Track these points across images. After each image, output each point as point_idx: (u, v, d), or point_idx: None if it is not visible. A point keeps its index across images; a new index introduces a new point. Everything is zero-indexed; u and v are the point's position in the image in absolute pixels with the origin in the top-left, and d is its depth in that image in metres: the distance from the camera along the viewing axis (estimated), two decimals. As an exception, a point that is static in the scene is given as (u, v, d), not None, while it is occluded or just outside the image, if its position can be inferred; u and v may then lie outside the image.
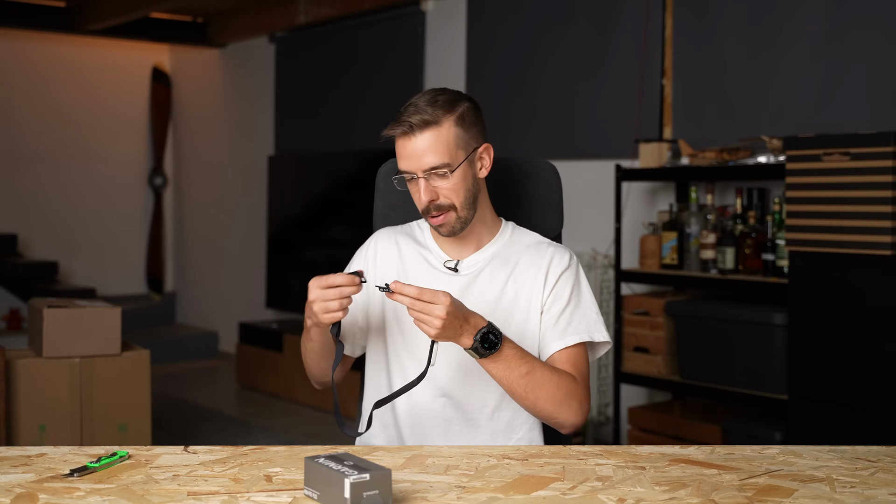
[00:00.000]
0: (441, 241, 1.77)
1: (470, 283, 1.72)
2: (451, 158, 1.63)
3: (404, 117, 1.63)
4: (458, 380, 1.69)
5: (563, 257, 1.74)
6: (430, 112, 1.63)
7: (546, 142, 4.27)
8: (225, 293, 6.67)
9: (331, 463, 1.21)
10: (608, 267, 3.92)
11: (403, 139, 1.64)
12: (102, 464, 1.35)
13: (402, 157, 1.65)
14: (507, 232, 1.79)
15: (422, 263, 1.76)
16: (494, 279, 1.73)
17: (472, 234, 1.74)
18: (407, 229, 1.84)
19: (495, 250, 1.76)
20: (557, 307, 1.71)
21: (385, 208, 1.96)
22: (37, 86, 6.60)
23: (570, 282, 1.73)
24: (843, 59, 3.25)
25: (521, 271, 1.73)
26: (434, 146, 1.62)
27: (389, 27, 5.22)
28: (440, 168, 1.63)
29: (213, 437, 4.35)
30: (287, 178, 5.89)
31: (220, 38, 6.51)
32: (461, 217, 1.68)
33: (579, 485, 1.30)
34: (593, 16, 4.06)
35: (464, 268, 1.74)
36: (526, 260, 1.74)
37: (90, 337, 3.10)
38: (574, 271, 1.75)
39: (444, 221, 1.67)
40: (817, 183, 2.79)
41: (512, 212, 1.89)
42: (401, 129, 1.63)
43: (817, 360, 2.82)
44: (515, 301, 1.71)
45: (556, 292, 1.71)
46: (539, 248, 1.76)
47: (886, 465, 1.41)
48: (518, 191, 1.92)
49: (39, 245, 6.55)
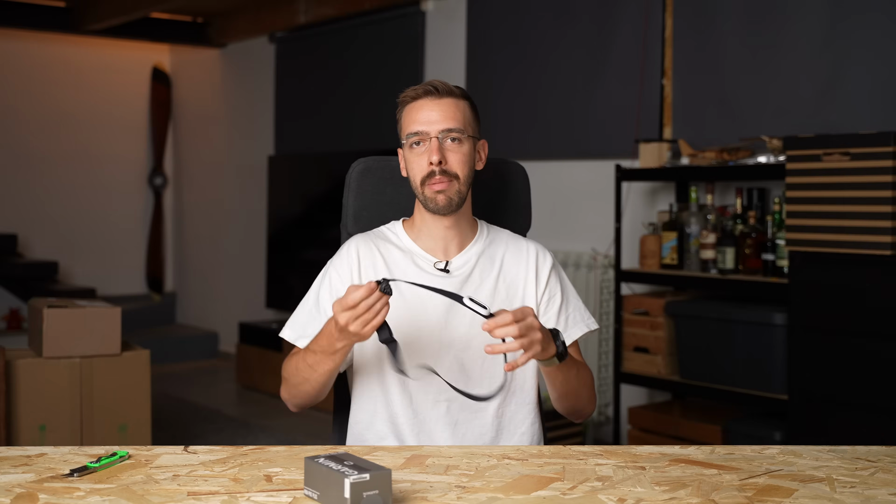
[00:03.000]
0: (422, 242, 1.74)
1: (462, 284, 1.71)
2: (466, 129, 1.69)
3: (426, 84, 1.69)
4: (461, 382, 1.68)
5: (544, 254, 1.79)
6: (452, 87, 1.70)
7: (546, 142, 4.27)
8: (225, 293, 6.67)
9: (331, 463, 1.20)
10: (608, 267, 3.92)
11: (425, 100, 1.68)
12: (102, 464, 1.35)
13: (416, 120, 1.67)
14: (484, 230, 1.80)
15: (410, 267, 1.72)
16: (485, 278, 1.73)
17: (457, 229, 1.73)
18: (381, 234, 1.79)
19: (479, 249, 1.76)
20: (555, 305, 1.76)
21: (357, 209, 1.89)
22: (37, 86, 6.60)
23: (557, 278, 1.79)
24: (844, 59, 3.25)
25: (509, 269, 1.75)
26: (454, 113, 1.68)
27: (389, 27, 5.22)
28: (457, 131, 1.67)
29: (213, 437, 4.35)
30: (287, 178, 5.89)
31: (220, 38, 6.51)
32: (461, 191, 1.68)
33: (579, 485, 1.30)
34: (593, 16, 4.06)
35: (454, 268, 1.73)
36: (510, 258, 1.77)
37: (90, 337, 3.10)
38: (557, 266, 1.80)
39: (446, 188, 1.66)
40: (817, 183, 2.79)
41: (482, 212, 1.88)
42: (424, 90, 1.68)
43: (817, 360, 2.82)
44: (509, 300, 1.73)
45: (550, 290, 1.77)
46: (517, 245, 1.79)
47: (886, 465, 1.41)
48: (488, 191, 1.92)
49: (39, 245, 6.55)
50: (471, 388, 1.68)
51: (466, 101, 1.71)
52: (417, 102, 1.68)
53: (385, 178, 1.90)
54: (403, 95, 1.71)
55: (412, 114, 1.68)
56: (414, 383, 1.68)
